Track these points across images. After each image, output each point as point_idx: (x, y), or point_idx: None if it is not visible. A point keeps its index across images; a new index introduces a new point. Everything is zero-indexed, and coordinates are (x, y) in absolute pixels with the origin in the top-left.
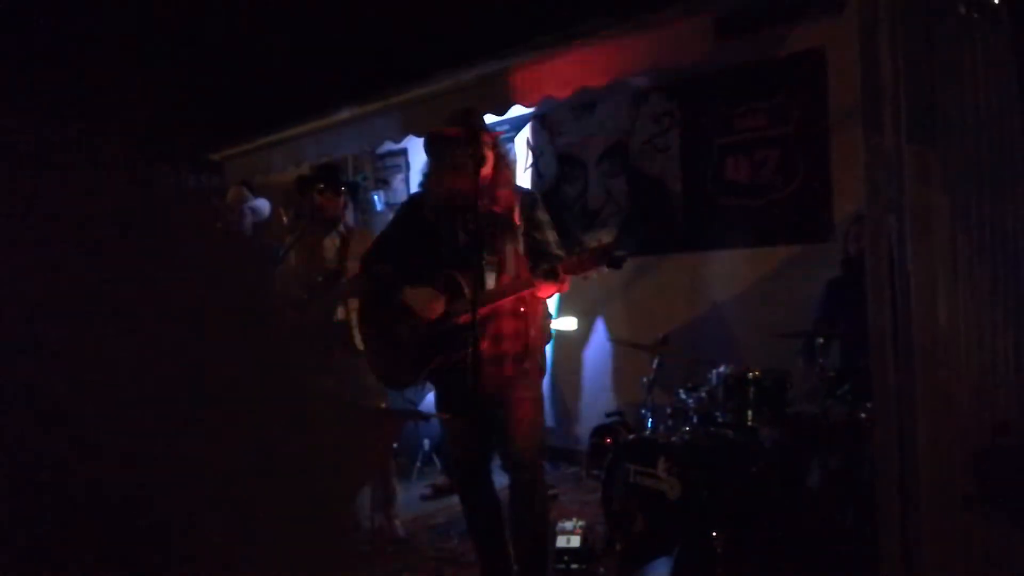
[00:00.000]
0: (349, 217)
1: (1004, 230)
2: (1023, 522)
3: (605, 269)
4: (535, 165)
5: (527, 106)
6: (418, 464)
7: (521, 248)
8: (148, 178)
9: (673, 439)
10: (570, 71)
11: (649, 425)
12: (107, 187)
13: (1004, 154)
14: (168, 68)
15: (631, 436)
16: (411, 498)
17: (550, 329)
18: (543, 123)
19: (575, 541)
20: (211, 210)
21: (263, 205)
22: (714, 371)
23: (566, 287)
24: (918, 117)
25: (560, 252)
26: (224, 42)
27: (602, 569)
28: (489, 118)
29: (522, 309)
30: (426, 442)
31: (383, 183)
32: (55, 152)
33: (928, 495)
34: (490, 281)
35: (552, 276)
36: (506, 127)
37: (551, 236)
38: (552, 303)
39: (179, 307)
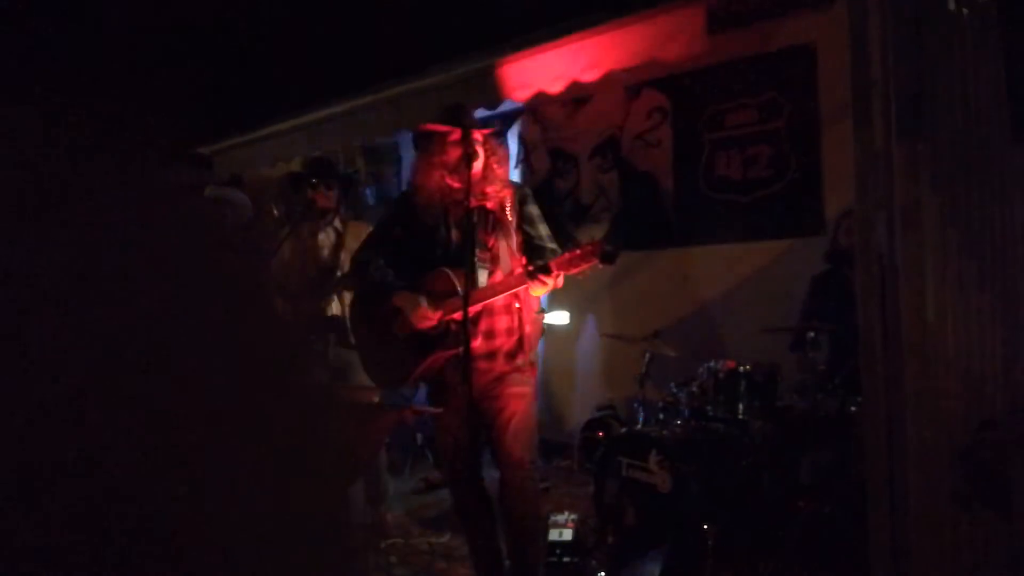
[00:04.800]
0: (342, 211)
1: (992, 226)
2: (1011, 517)
3: (599, 265)
4: (527, 160)
5: (519, 100)
6: (410, 459)
7: (514, 243)
8: (140, 173)
9: (665, 433)
10: (562, 65)
11: (641, 419)
12: (98, 182)
13: (993, 150)
14: (157, 62)
15: (623, 430)
16: (403, 492)
17: (542, 324)
18: (535, 117)
19: (567, 534)
20: (199, 205)
21: (242, 200)
22: (705, 365)
23: (560, 283)
24: (908, 113)
25: (553, 245)
26: (215, 36)
27: (594, 562)
28: (480, 112)
29: (516, 305)
30: (418, 436)
31: (375, 177)
32: (43, 149)
33: (917, 489)
34: (483, 277)
35: (545, 272)
36: (498, 121)
37: (543, 230)
38: (544, 298)
39: (168, 301)
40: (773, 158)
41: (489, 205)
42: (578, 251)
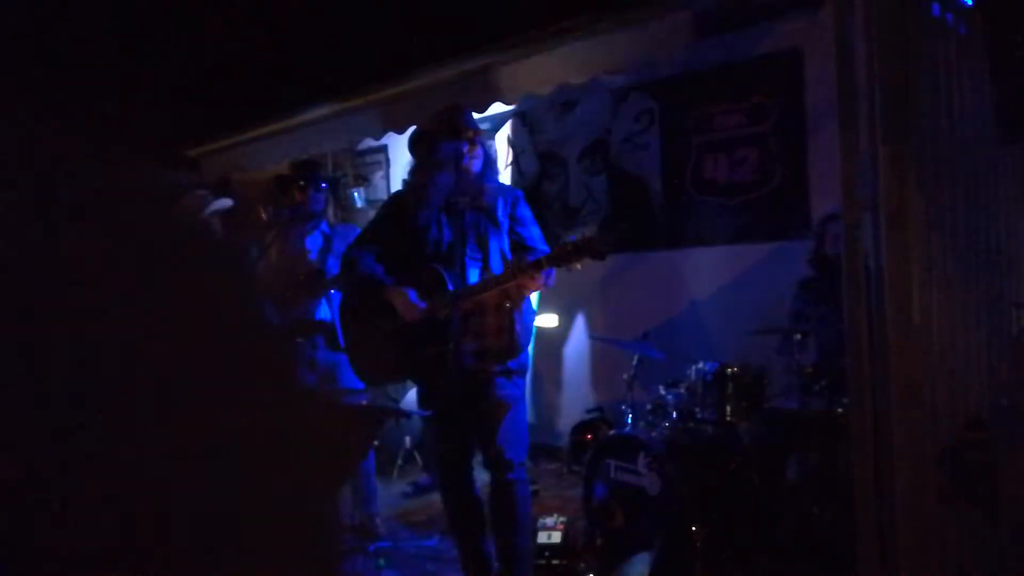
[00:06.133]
0: (330, 214)
1: (977, 228)
2: (995, 516)
3: (589, 261)
4: (516, 162)
5: (508, 103)
6: (399, 461)
7: (505, 245)
8: (128, 175)
9: (653, 435)
10: (550, 68)
11: (629, 421)
12: (85, 185)
13: (977, 153)
14: (143, 62)
15: (611, 432)
16: (392, 495)
17: (533, 325)
18: (524, 120)
19: (556, 537)
20: (180, 208)
21: (224, 204)
22: (693, 367)
23: (551, 282)
24: (893, 117)
25: (545, 247)
26: (201, 37)
27: (583, 564)
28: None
29: (507, 305)
30: (407, 439)
31: (363, 180)
32: (33, 150)
33: (903, 489)
34: (474, 277)
35: (536, 268)
36: (487, 124)
37: (535, 232)
38: (533, 299)
39: (158, 305)
40: (760, 161)
41: (481, 207)
42: (569, 246)
